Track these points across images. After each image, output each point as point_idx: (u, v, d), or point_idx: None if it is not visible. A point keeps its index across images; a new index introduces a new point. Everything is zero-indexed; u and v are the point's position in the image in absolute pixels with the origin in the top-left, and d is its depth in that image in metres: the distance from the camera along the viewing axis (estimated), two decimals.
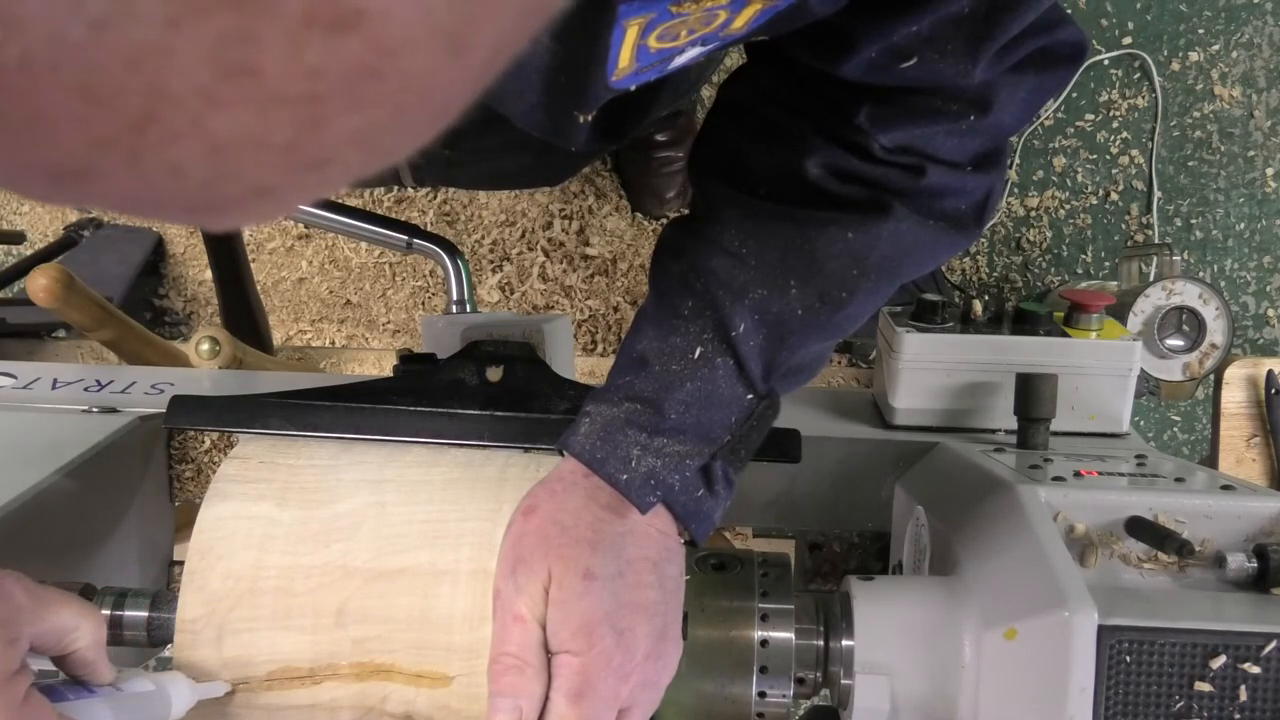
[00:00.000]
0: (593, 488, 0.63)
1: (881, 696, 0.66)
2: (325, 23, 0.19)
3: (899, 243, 0.65)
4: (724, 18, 0.54)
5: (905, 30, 0.57)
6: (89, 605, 0.57)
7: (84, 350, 1.34)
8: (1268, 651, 0.59)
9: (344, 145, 0.22)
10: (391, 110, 0.22)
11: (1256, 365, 1.08)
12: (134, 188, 0.22)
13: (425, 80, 0.22)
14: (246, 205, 0.24)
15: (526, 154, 0.95)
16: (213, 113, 0.20)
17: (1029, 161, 1.78)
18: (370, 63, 0.20)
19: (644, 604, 0.61)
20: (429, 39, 0.21)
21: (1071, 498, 0.68)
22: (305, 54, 0.20)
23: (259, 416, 0.75)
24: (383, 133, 0.23)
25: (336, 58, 0.20)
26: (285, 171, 0.22)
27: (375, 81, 0.21)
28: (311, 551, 0.66)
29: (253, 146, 0.21)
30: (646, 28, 0.53)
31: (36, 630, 0.53)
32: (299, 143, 0.21)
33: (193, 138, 0.20)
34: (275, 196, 0.23)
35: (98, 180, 0.21)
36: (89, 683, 0.57)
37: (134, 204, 0.23)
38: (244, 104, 0.20)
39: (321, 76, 0.20)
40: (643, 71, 0.58)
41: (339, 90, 0.21)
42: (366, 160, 0.24)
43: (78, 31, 0.18)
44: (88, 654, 0.56)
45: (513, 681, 0.58)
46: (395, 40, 0.20)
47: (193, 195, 0.22)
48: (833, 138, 0.65)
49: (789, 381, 0.68)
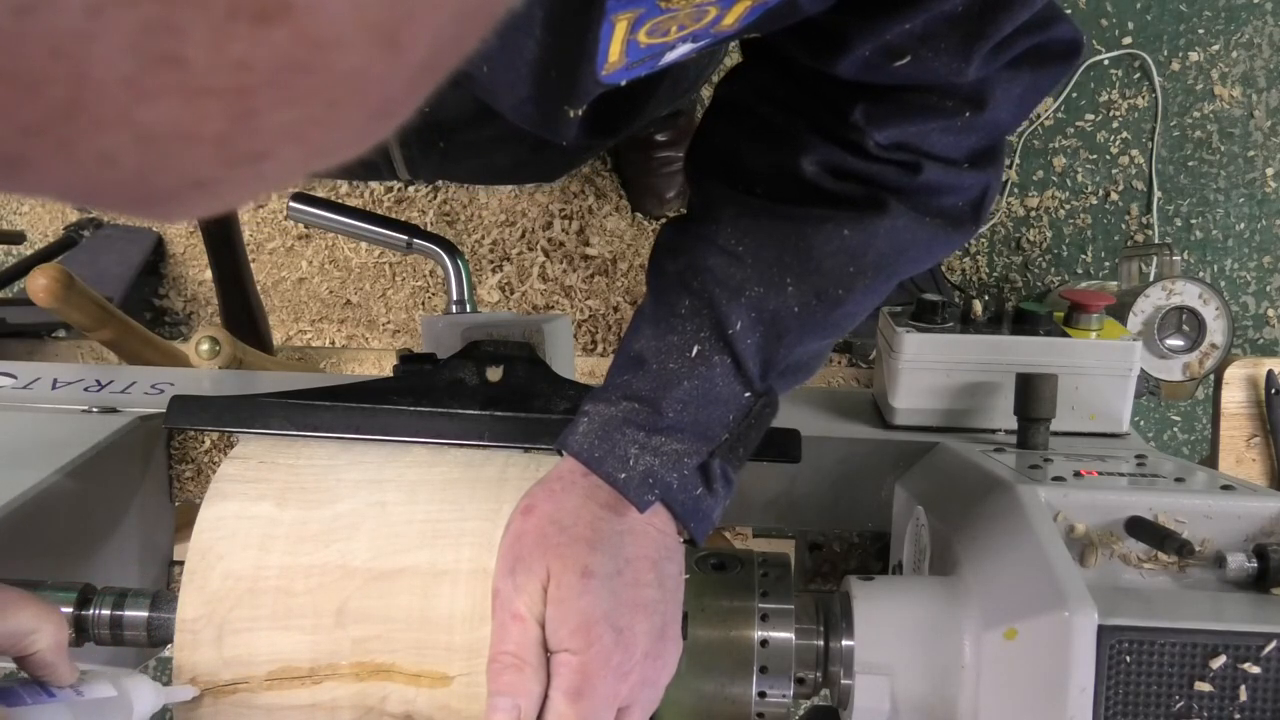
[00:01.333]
0: (591, 486, 0.63)
1: (881, 696, 0.66)
2: (250, 14, 0.19)
3: (896, 240, 0.65)
4: (714, 14, 0.54)
5: (898, 28, 0.57)
6: (50, 606, 0.56)
7: (84, 350, 1.34)
8: (1268, 651, 0.59)
9: (278, 139, 0.22)
10: (325, 105, 0.22)
11: (1256, 365, 1.08)
12: (69, 177, 0.22)
13: (358, 76, 0.22)
14: (184, 197, 0.23)
15: (521, 148, 0.95)
16: (140, 103, 0.20)
17: (1029, 161, 1.78)
18: (299, 56, 0.20)
19: (643, 602, 0.61)
20: (361, 33, 0.21)
21: (1071, 498, 0.68)
22: (231, 45, 0.19)
23: (259, 416, 0.75)
24: (318, 128, 0.22)
25: (264, 50, 0.20)
26: (220, 164, 0.22)
27: (305, 75, 0.21)
28: (311, 551, 0.66)
29: (183, 138, 0.21)
30: (635, 23, 0.53)
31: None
32: (231, 135, 0.21)
33: (122, 127, 0.20)
34: (212, 189, 0.23)
35: (31, 169, 0.21)
36: (49, 685, 0.56)
37: (72, 194, 0.23)
38: (171, 94, 0.20)
39: (249, 69, 0.20)
40: (633, 67, 0.58)
41: (268, 83, 0.20)
42: (305, 156, 0.23)
43: (2, 19, 0.18)
44: (47, 656, 0.55)
45: (511, 680, 0.58)
46: (325, 34, 0.20)
47: (129, 186, 0.22)
48: (829, 136, 0.65)
49: (787, 380, 0.68)
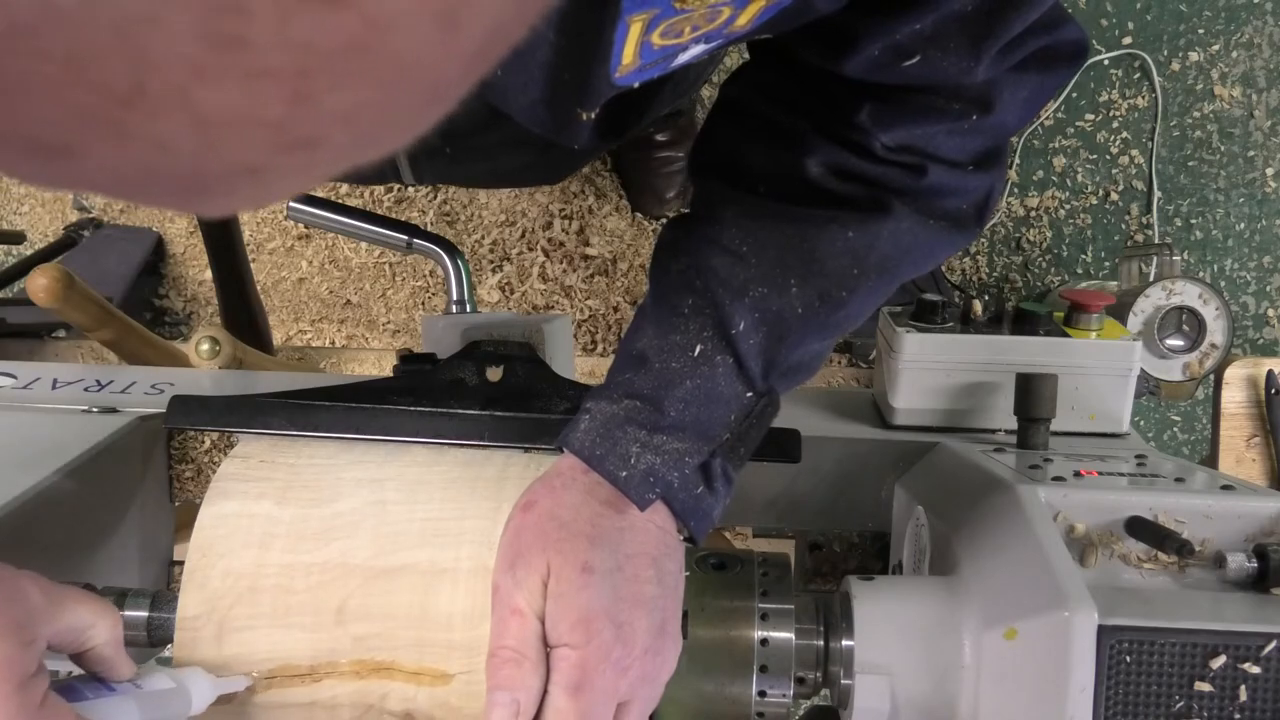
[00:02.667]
0: (592, 483, 0.63)
1: (881, 696, 0.66)
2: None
3: (899, 242, 0.65)
4: (727, 14, 0.54)
5: (908, 28, 0.57)
6: (105, 602, 0.56)
7: (84, 350, 1.34)
8: (1268, 651, 0.59)
9: (333, 124, 0.22)
10: (380, 88, 0.22)
11: (1256, 365, 1.08)
12: (120, 164, 0.22)
13: (415, 59, 0.21)
14: (235, 185, 0.23)
15: (527, 151, 0.95)
16: (201, 85, 0.20)
17: (1029, 161, 1.78)
18: (360, 38, 0.20)
19: (643, 598, 0.61)
20: (421, 15, 0.20)
21: (1071, 498, 0.68)
22: (295, 27, 0.19)
23: (259, 416, 0.75)
24: (372, 113, 0.22)
25: (326, 31, 0.20)
26: (274, 150, 0.22)
27: (364, 57, 0.20)
28: (312, 549, 0.66)
29: (241, 122, 0.21)
30: (650, 24, 0.53)
31: (53, 629, 0.53)
32: (287, 120, 0.21)
33: (180, 111, 0.20)
34: (264, 177, 0.23)
35: (82, 156, 0.21)
36: (108, 680, 0.56)
37: (121, 183, 0.23)
38: (232, 77, 0.20)
39: (311, 50, 0.20)
40: (646, 69, 0.57)
41: (328, 65, 0.20)
42: (356, 143, 0.23)
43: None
44: (105, 651, 0.55)
45: (510, 675, 0.58)
46: (386, 15, 0.20)
47: (180, 173, 0.22)
48: (834, 137, 0.65)
49: (788, 379, 0.68)
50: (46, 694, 0.50)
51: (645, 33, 0.54)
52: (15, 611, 0.51)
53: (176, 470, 0.89)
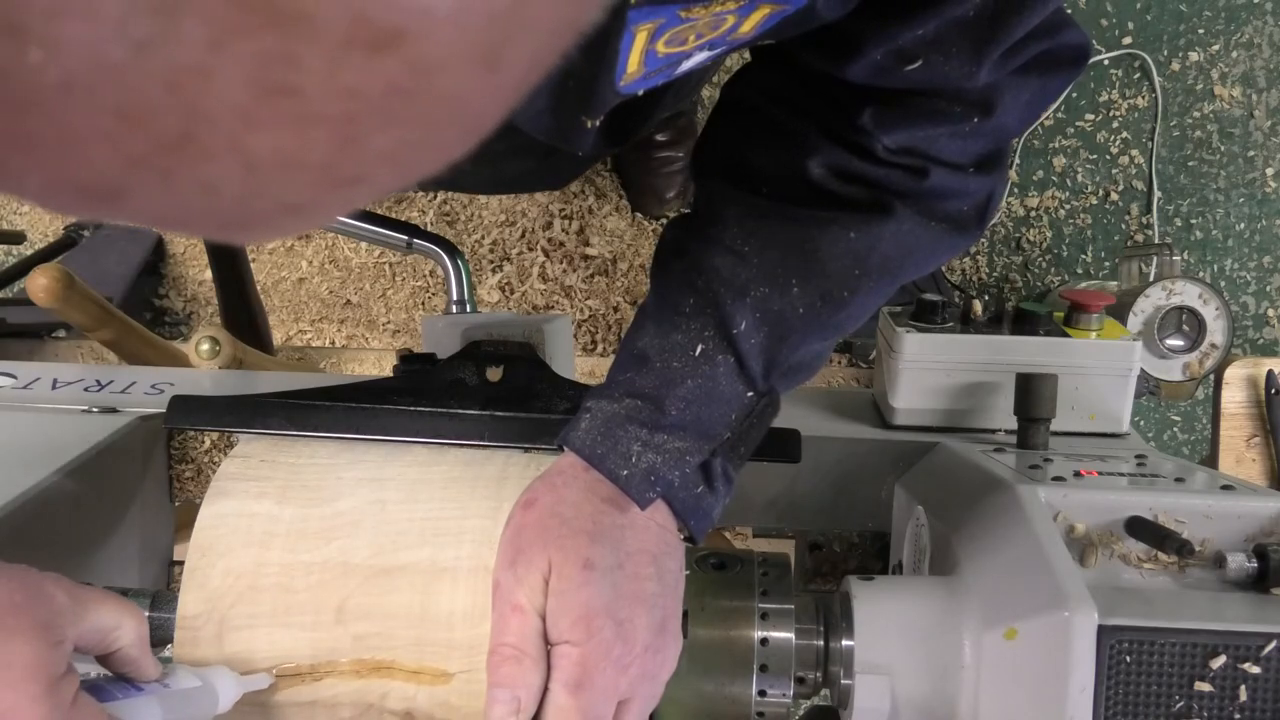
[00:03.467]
0: (592, 481, 0.63)
1: (881, 696, 0.66)
2: (365, 43, 0.19)
3: (901, 243, 0.65)
4: (732, 22, 0.54)
5: (910, 33, 0.57)
6: (130, 603, 0.56)
7: (84, 350, 1.34)
8: (1268, 651, 0.59)
9: (377, 163, 0.22)
10: (424, 128, 0.22)
11: (1256, 365, 1.08)
12: (166, 206, 0.22)
13: (460, 98, 0.22)
14: (277, 222, 0.24)
15: (530, 158, 0.95)
16: (250, 132, 0.20)
17: (1029, 161, 1.78)
18: (406, 82, 0.20)
19: (643, 596, 0.61)
20: (466, 58, 0.21)
21: (1071, 498, 0.68)
22: (344, 74, 0.19)
23: (259, 416, 0.75)
24: (415, 150, 0.23)
25: (374, 77, 0.20)
26: (318, 189, 0.22)
27: (410, 100, 0.21)
28: (312, 549, 0.66)
29: (288, 165, 0.21)
30: (655, 33, 0.53)
31: (79, 630, 0.52)
32: (333, 161, 0.21)
33: (229, 157, 0.20)
34: (305, 213, 0.23)
35: (129, 199, 0.21)
36: (135, 680, 0.56)
37: (165, 221, 0.23)
38: (282, 124, 0.20)
39: (358, 96, 0.20)
40: (650, 76, 0.58)
41: (375, 109, 0.21)
42: (397, 177, 0.24)
43: (119, 53, 0.18)
44: (132, 651, 0.56)
45: (511, 672, 0.58)
46: (433, 60, 0.20)
47: (225, 213, 0.22)
48: (836, 138, 0.65)
49: (789, 379, 0.68)
50: (77, 694, 0.50)
51: (650, 41, 0.54)
52: (41, 613, 0.50)
53: (176, 470, 0.89)
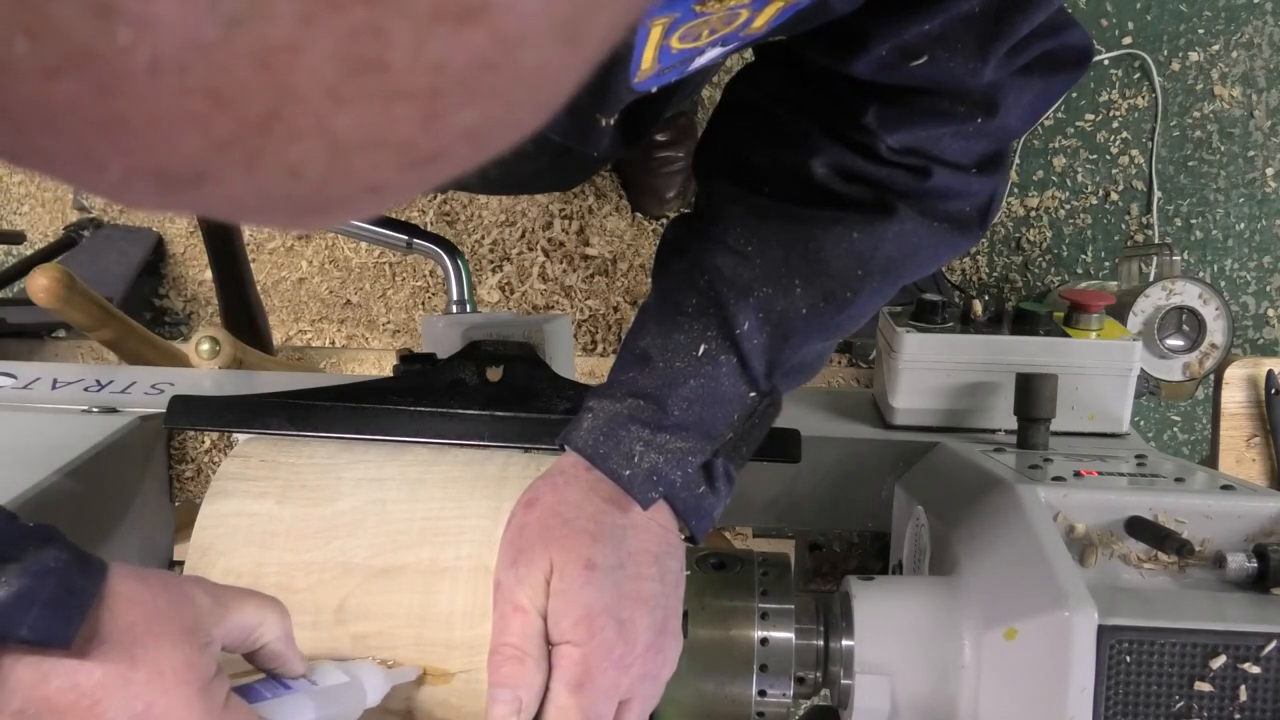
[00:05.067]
0: (594, 481, 0.63)
1: (881, 696, 0.66)
2: (453, 14, 0.19)
3: (903, 243, 0.65)
4: (745, 17, 0.54)
5: (917, 28, 0.57)
6: (271, 599, 0.56)
7: (84, 350, 1.34)
8: (1268, 651, 0.59)
9: (458, 140, 0.22)
10: (505, 104, 0.22)
11: (1256, 365, 1.08)
12: (247, 192, 0.21)
13: (540, 72, 0.21)
14: (355, 204, 0.23)
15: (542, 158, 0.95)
16: (337, 110, 0.20)
17: (1029, 161, 1.78)
18: (490, 55, 0.20)
19: (645, 595, 0.61)
20: (548, 30, 0.20)
21: (1071, 498, 0.68)
22: (431, 47, 0.19)
23: (259, 416, 0.75)
24: (493, 126, 0.22)
25: (460, 51, 0.20)
26: (399, 169, 0.22)
27: (494, 75, 0.20)
28: (312, 548, 0.66)
29: (373, 144, 0.21)
30: (670, 28, 0.53)
31: (223, 630, 0.52)
32: (416, 139, 0.21)
33: (315, 137, 0.20)
34: (383, 194, 0.23)
35: (211, 185, 0.21)
36: (282, 677, 0.56)
37: (242, 209, 0.23)
38: (369, 100, 0.20)
39: (444, 70, 0.20)
40: (664, 73, 0.58)
41: (459, 84, 0.20)
42: (474, 154, 0.23)
43: (211, 31, 0.18)
44: (277, 647, 0.55)
45: (512, 672, 0.58)
46: (516, 32, 0.20)
47: (305, 197, 0.22)
48: (839, 138, 0.65)
49: (791, 379, 0.68)
50: (229, 696, 0.50)
51: (664, 37, 0.54)
52: (186, 616, 0.50)
53: (176, 470, 0.89)
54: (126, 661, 0.47)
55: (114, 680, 0.46)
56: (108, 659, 0.46)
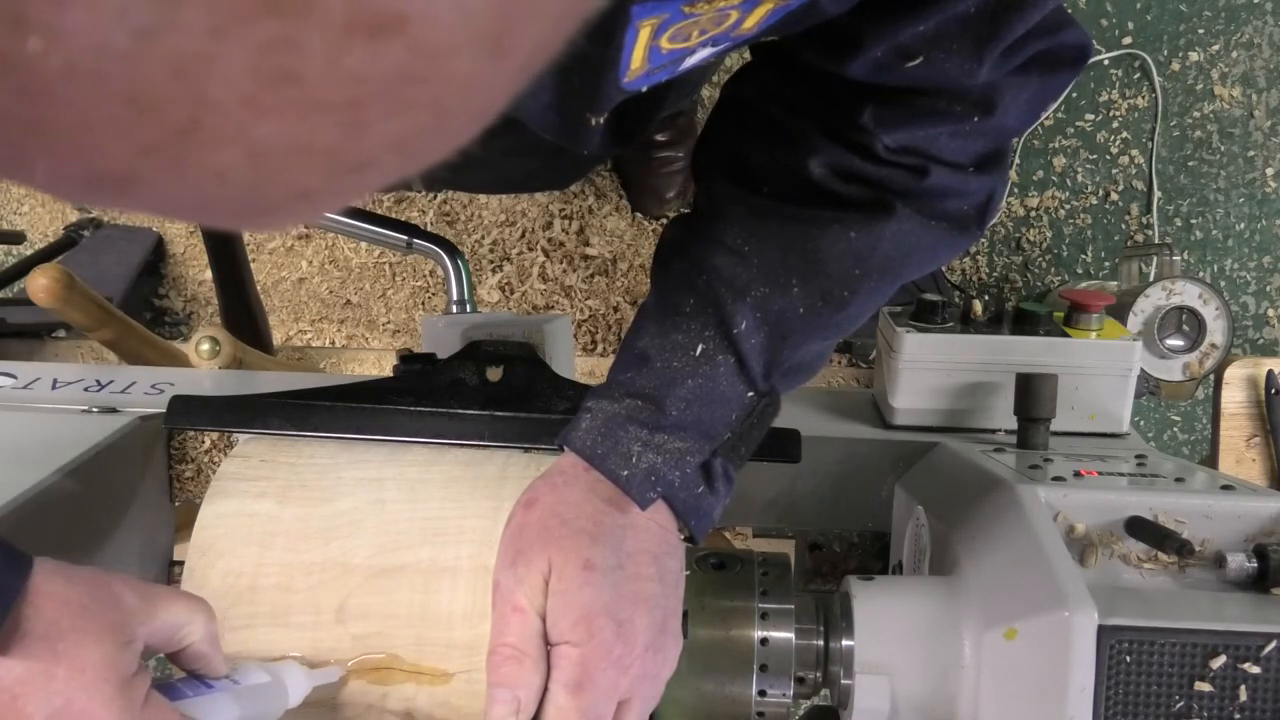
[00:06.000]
0: (593, 481, 0.63)
1: (881, 696, 0.66)
2: (367, 28, 0.19)
3: (901, 243, 0.65)
4: (735, 18, 0.54)
5: (912, 29, 0.57)
6: (198, 599, 0.57)
7: (84, 350, 1.34)
8: (1268, 651, 0.59)
9: (384, 149, 0.22)
10: (432, 115, 0.22)
11: (1256, 365, 1.08)
12: (178, 195, 0.22)
13: (466, 84, 0.22)
14: (288, 208, 0.24)
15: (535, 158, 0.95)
16: (257, 120, 0.20)
17: (1029, 161, 1.78)
18: (411, 68, 0.20)
19: (644, 596, 0.61)
20: (470, 43, 0.21)
21: (1071, 498, 0.68)
22: (347, 60, 0.20)
23: (259, 416, 0.75)
24: (422, 136, 0.23)
25: (378, 63, 0.20)
26: (327, 175, 0.23)
27: (416, 86, 0.21)
28: (312, 549, 0.66)
29: (296, 152, 0.21)
30: (659, 28, 0.53)
31: (149, 629, 0.53)
32: (341, 148, 0.22)
33: (237, 144, 0.21)
34: (316, 199, 0.24)
35: (140, 187, 0.22)
36: (205, 676, 0.56)
37: (178, 210, 0.24)
38: (287, 110, 0.20)
39: (363, 82, 0.20)
40: (654, 73, 0.58)
41: (381, 95, 0.21)
42: (405, 163, 0.24)
43: (122, 40, 0.18)
44: (201, 647, 0.56)
45: (511, 672, 0.58)
46: (437, 45, 0.20)
47: (236, 200, 0.23)
48: (836, 138, 0.65)
49: (790, 380, 0.68)
50: (149, 694, 0.50)
51: (654, 37, 0.54)
52: (112, 614, 0.51)
53: (176, 470, 0.89)
54: (49, 658, 0.47)
55: (35, 676, 0.47)
56: (29, 655, 0.47)
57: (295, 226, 0.27)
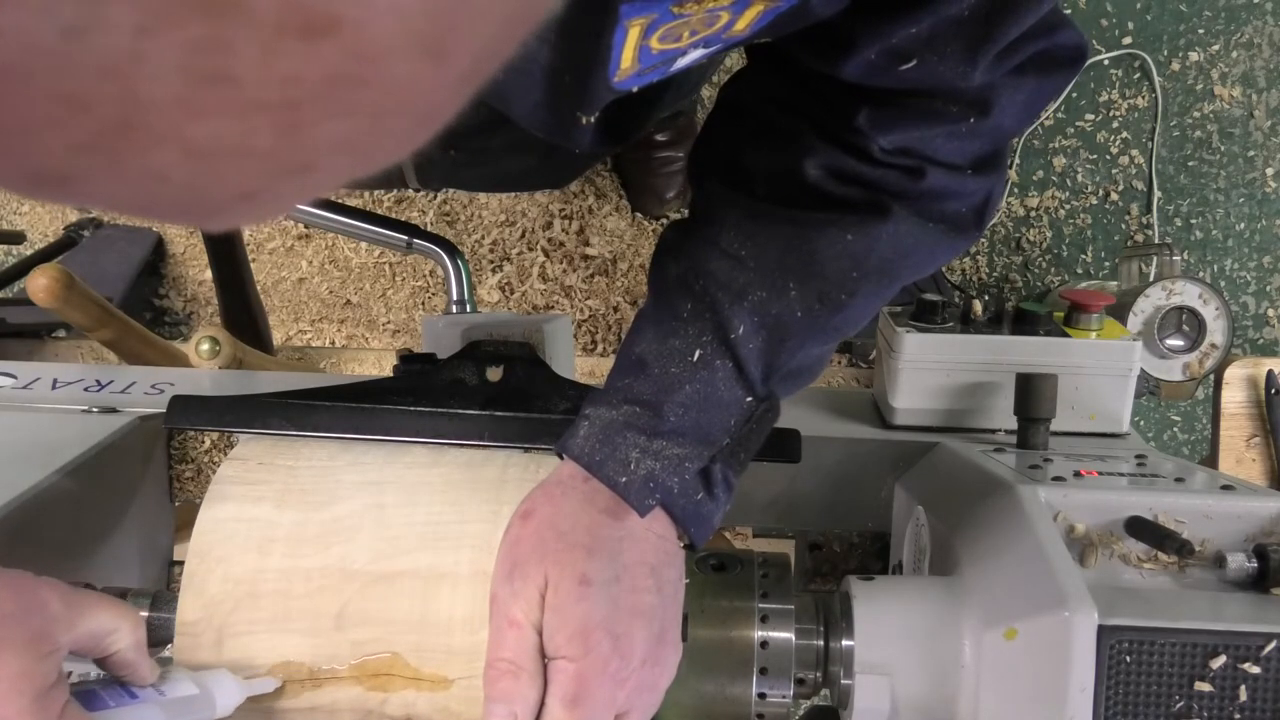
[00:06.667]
0: (591, 491, 0.63)
1: (881, 696, 0.66)
2: (299, 30, 0.19)
3: (898, 245, 0.65)
4: (726, 19, 0.54)
5: (905, 32, 0.57)
6: (127, 606, 0.56)
7: (84, 350, 1.34)
8: (1268, 651, 0.59)
9: (326, 151, 0.22)
10: (373, 117, 0.22)
11: (1256, 365, 1.08)
12: (118, 191, 0.22)
13: (406, 88, 0.22)
14: (232, 208, 0.24)
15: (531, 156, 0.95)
16: (191, 120, 0.20)
17: (1029, 161, 1.78)
18: (348, 70, 0.20)
19: (641, 608, 0.60)
20: (408, 47, 0.21)
21: (1071, 498, 0.68)
22: (279, 61, 0.20)
23: (259, 416, 0.75)
24: (366, 139, 0.23)
25: (312, 65, 0.20)
26: (268, 176, 0.22)
27: (354, 89, 0.21)
28: (311, 554, 0.66)
29: (233, 153, 0.21)
30: (648, 28, 0.53)
31: (73, 637, 0.53)
32: (279, 149, 0.22)
33: (173, 144, 0.21)
34: (260, 200, 0.24)
35: (79, 184, 0.22)
36: (130, 685, 0.56)
37: (121, 205, 0.24)
38: (222, 111, 0.20)
39: (298, 83, 0.20)
40: (645, 73, 0.57)
41: (317, 97, 0.21)
42: (352, 165, 0.24)
43: (50, 40, 0.18)
44: (128, 655, 0.55)
45: (507, 687, 0.58)
46: (373, 48, 0.20)
47: (178, 199, 0.23)
48: (832, 139, 0.64)
49: (788, 384, 0.68)
50: (66, 705, 0.50)
51: (644, 37, 0.54)
52: (34, 622, 0.50)
53: (176, 470, 0.89)
54: None
55: None
56: None
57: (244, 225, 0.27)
